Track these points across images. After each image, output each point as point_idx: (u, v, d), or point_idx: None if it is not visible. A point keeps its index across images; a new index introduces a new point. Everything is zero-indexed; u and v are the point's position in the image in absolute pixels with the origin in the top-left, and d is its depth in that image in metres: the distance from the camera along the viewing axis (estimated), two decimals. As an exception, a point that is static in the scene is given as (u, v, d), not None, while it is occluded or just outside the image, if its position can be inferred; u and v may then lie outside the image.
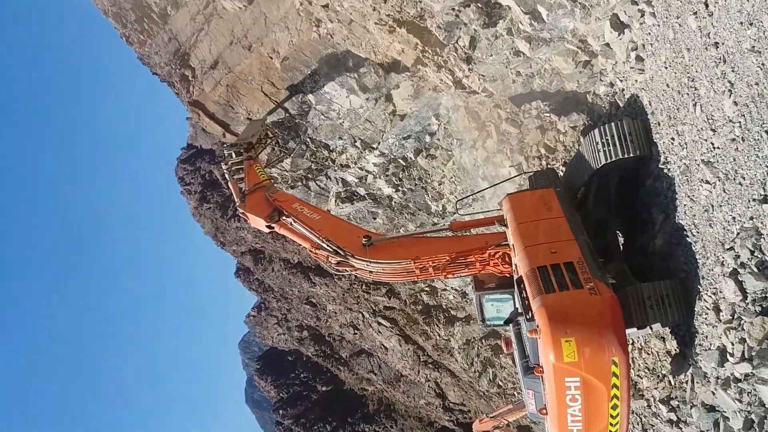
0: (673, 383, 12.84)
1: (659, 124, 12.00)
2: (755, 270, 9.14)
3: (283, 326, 46.30)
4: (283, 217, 15.36)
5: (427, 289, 27.90)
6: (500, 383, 26.06)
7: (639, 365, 14.35)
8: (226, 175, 18.88)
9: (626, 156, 12.10)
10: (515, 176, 17.47)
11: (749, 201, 9.27)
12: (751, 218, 9.25)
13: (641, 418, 14.62)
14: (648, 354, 14.03)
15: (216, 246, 45.73)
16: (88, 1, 29.41)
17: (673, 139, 11.50)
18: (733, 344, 9.63)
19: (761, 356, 8.74)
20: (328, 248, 13.70)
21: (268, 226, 15.65)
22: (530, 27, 15.54)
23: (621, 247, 14.31)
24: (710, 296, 10.44)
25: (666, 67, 11.69)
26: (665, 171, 11.89)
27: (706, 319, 10.61)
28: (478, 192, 19.32)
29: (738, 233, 9.55)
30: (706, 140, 10.36)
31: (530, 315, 10.18)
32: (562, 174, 15.64)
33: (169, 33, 27.73)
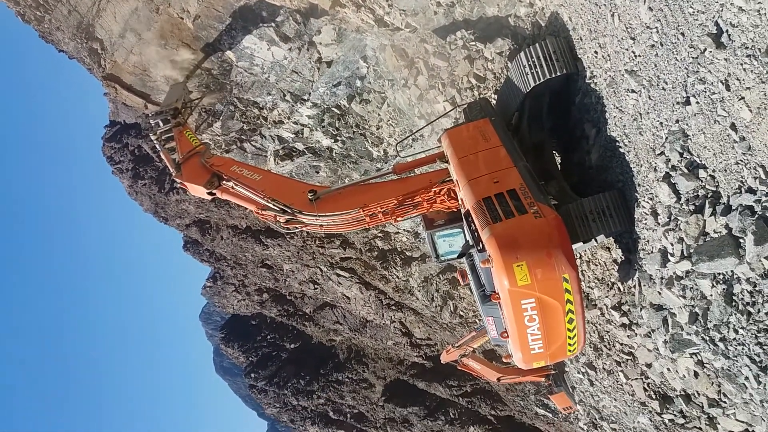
0: (622, 289, 13.44)
1: (582, 39, 12.04)
2: (685, 171, 9.48)
3: (241, 292, 45.92)
4: (224, 182, 14.92)
5: (380, 235, 28.01)
6: (461, 313, 26.81)
7: (589, 277, 14.94)
8: (157, 146, 18.05)
9: (553, 76, 12.16)
10: (450, 110, 17.37)
11: (674, 105, 9.50)
12: (677, 121, 9.50)
13: (596, 327, 15.36)
14: (596, 265, 14.58)
15: (159, 222, 44.36)
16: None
17: (596, 52, 11.58)
18: (672, 244, 10.08)
19: (698, 252, 9.17)
20: (275, 208, 13.49)
21: (210, 193, 15.18)
22: (445, -46, 15.13)
23: (559, 166, 14.61)
24: (647, 202, 10.83)
25: (582, -19, 11.63)
26: (592, 86, 12.02)
27: (645, 224, 11.03)
28: (416, 131, 19.20)
29: (666, 137, 9.83)
30: (627, 50, 10.47)
31: (481, 246, 10.37)
32: (495, 102, 15.64)
33: (67, 5, 25.71)
